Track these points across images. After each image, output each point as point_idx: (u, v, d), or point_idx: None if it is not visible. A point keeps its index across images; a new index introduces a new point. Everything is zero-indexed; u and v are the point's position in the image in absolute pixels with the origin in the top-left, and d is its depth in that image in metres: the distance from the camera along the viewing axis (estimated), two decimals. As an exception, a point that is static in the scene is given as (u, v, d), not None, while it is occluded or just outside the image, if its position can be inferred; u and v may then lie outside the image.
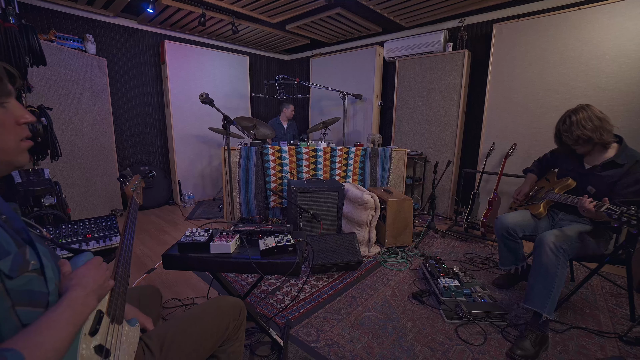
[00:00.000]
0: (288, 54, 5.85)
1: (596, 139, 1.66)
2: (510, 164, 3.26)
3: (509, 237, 1.98)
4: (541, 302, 1.58)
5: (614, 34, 2.69)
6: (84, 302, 0.64)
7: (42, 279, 0.62)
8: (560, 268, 1.57)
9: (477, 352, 1.56)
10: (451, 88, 3.71)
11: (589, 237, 1.70)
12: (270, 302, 1.99)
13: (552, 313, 1.57)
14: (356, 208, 2.71)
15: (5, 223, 0.60)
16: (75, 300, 0.62)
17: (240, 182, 3.28)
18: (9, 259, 0.56)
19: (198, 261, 1.30)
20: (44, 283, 0.62)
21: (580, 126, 1.68)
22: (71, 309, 0.60)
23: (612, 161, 1.67)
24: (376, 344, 1.62)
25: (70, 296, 0.62)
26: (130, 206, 1.17)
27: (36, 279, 0.60)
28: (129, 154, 4.18)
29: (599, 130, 1.65)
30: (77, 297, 0.63)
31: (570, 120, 1.73)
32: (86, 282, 0.67)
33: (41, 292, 0.61)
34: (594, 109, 1.69)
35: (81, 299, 0.63)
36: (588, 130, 1.66)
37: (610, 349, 1.60)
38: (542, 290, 1.59)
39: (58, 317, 0.57)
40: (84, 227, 1.42)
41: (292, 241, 1.33)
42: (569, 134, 1.74)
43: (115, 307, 0.76)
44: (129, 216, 1.11)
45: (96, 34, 3.62)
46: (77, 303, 0.62)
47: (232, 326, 0.99)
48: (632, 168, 1.61)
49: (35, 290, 0.60)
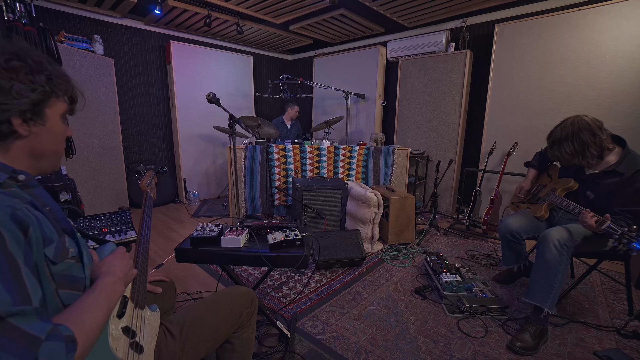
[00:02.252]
0: (291, 54, 5.90)
1: (575, 163, 1.65)
2: (511, 163, 3.30)
3: (513, 240, 1.98)
4: (543, 297, 1.61)
5: (614, 34, 2.73)
6: (114, 288, 0.70)
7: (79, 265, 0.68)
8: (563, 264, 1.59)
9: (479, 345, 1.61)
10: (453, 88, 3.75)
11: (590, 235, 1.69)
12: (277, 297, 2.04)
13: (554, 308, 1.61)
14: (360, 206, 2.76)
15: (49, 214, 0.66)
16: (107, 286, 0.69)
17: (245, 180, 3.33)
18: (53, 246, 0.61)
19: (210, 254, 1.35)
20: (81, 269, 0.68)
21: (561, 149, 1.66)
22: (104, 293, 0.66)
23: (612, 170, 1.63)
24: (380, 336, 1.67)
25: (103, 282, 0.69)
26: (146, 200, 1.23)
27: (75, 265, 0.67)
28: (135, 153, 4.24)
29: (578, 155, 1.62)
30: (108, 282, 0.69)
31: (554, 138, 1.71)
32: (115, 269, 0.74)
33: (79, 277, 0.67)
34: (583, 127, 1.59)
35: (112, 284, 0.70)
36: (567, 154, 1.65)
37: (608, 342, 1.64)
38: (544, 286, 1.62)
39: (94, 300, 0.63)
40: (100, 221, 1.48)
41: (300, 235, 1.38)
42: (552, 152, 1.74)
43: (138, 293, 0.82)
44: (145, 210, 1.17)
45: (104, 35, 3.68)
46: (109, 288, 0.69)
47: (245, 314, 1.04)
48: (632, 177, 1.57)
49: (75, 275, 0.66)
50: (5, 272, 0.49)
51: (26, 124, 0.65)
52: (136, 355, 0.71)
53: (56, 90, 0.69)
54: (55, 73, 0.70)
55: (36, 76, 0.65)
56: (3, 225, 0.52)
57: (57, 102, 0.70)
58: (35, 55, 0.68)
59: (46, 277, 0.59)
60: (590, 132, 1.59)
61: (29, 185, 0.66)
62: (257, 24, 4.09)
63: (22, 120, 0.64)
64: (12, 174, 0.62)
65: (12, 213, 0.54)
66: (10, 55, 0.63)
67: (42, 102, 0.66)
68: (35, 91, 0.64)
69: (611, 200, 1.61)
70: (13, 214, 0.54)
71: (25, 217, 0.56)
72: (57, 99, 0.70)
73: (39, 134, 0.67)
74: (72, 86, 0.75)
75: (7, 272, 0.50)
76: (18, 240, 0.54)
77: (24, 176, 0.64)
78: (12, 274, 0.50)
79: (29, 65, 0.65)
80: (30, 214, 0.58)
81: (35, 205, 0.63)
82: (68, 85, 0.73)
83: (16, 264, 0.52)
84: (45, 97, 0.67)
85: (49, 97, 0.67)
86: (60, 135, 0.73)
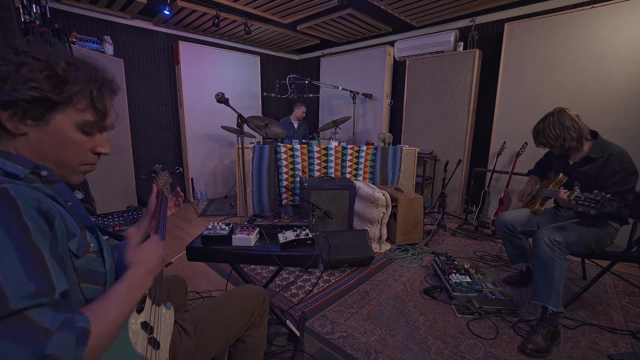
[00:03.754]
0: (298, 53, 5.91)
1: (558, 145, 1.80)
2: (521, 163, 3.27)
3: (509, 233, 2.08)
4: (545, 296, 1.63)
5: (628, 32, 2.68)
6: (143, 281, 0.69)
7: (100, 260, 0.69)
8: (557, 260, 1.63)
9: (489, 346, 1.60)
10: (462, 87, 3.72)
11: (587, 231, 1.74)
12: (285, 296, 2.04)
13: (559, 306, 1.61)
14: (367, 205, 2.76)
15: (71, 209, 0.66)
16: (136, 278, 0.67)
17: (253, 179, 3.34)
18: (76, 240, 0.62)
19: (221, 253, 1.36)
20: (102, 263, 0.69)
21: (545, 134, 1.83)
22: (131, 286, 0.65)
23: (587, 157, 1.79)
24: (389, 336, 1.67)
25: (132, 274, 0.67)
26: (161, 200, 1.24)
27: (95, 259, 0.67)
28: (144, 153, 4.28)
29: (560, 138, 1.78)
30: (138, 274, 0.68)
31: (538, 129, 1.89)
32: (148, 260, 0.72)
33: (100, 271, 0.68)
34: (564, 114, 1.80)
35: (141, 277, 0.68)
36: (551, 138, 1.80)
37: (623, 345, 1.62)
38: (544, 284, 1.65)
39: (120, 291, 0.63)
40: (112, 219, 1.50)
41: (311, 235, 1.38)
42: (537, 141, 1.91)
43: (155, 290, 0.82)
44: (160, 209, 1.17)
45: (114, 36, 3.72)
46: (138, 281, 0.67)
47: (257, 312, 1.05)
48: (608, 161, 1.72)
49: (96, 269, 0.66)
50: (29, 262, 0.50)
51: (16, 120, 0.60)
52: (153, 351, 0.72)
53: (69, 95, 0.63)
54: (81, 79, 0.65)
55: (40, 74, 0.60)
56: (28, 217, 0.52)
57: (71, 110, 0.64)
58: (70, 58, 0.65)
59: (70, 271, 0.60)
60: (569, 119, 1.78)
61: (51, 181, 0.66)
62: (265, 24, 4.11)
63: (10, 116, 0.59)
64: (35, 169, 0.62)
65: (37, 206, 0.54)
66: (39, 54, 0.61)
67: (43, 104, 0.61)
68: (31, 88, 0.59)
69: (595, 187, 1.70)
70: (39, 207, 0.55)
71: (50, 210, 0.56)
72: (71, 106, 0.64)
73: (37, 135, 0.62)
74: (103, 101, 0.69)
75: (31, 263, 0.50)
76: (43, 231, 0.54)
77: (47, 172, 0.64)
78: (36, 264, 0.50)
79: (44, 64, 0.61)
80: (54, 207, 0.59)
81: (57, 200, 0.63)
82: (99, 99, 0.67)
83: (41, 255, 0.52)
84: (48, 99, 0.61)
85: (54, 101, 0.62)
86: (66, 143, 0.65)
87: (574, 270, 2.46)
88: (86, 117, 0.66)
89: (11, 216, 0.51)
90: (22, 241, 0.50)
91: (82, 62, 0.68)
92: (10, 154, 0.61)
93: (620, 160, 1.69)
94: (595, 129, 1.85)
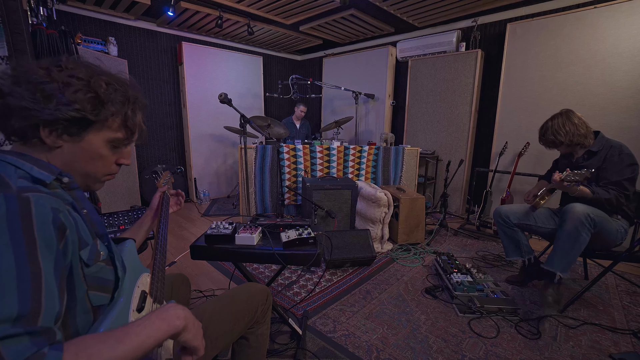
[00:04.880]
0: (301, 54, 5.93)
1: (567, 142, 1.88)
2: (523, 163, 3.27)
3: (503, 224, 2.13)
4: (560, 264, 1.78)
5: (632, 32, 2.68)
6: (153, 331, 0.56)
7: (110, 269, 0.68)
8: (584, 234, 1.72)
9: (491, 345, 1.61)
10: (464, 87, 3.72)
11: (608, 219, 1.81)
12: (288, 295, 2.06)
13: (566, 272, 1.79)
14: (370, 205, 2.77)
15: (86, 217, 0.68)
16: (148, 324, 0.56)
17: (256, 179, 3.37)
18: (88, 249, 0.62)
19: (224, 252, 1.38)
20: (111, 272, 0.68)
21: (554, 130, 1.90)
22: (136, 331, 0.54)
23: (589, 150, 1.90)
24: (391, 335, 1.68)
25: (146, 319, 0.57)
26: (163, 199, 1.26)
27: (105, 267, 0.67)
28: (147, 153, 4.32)
29: (570, 133, 1.86)
30: (152, 321, 0.57)
31: (546, 127, 1.95)
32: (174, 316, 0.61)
33: (109, 279, 0.68)
34: (572, 114, 1.89)
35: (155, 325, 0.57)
36: (560, 135, 1.88)
37: (625, 345, 1.62)
38: (562, 253, 1.78)
39: (117, 332, 0.53)
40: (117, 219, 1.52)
41: (313, 234, 1.40)
42: (545, 138, 1.97)
43: (157, 289, 0.84)
44: (162, 209, 1.19)
45: (118, 37, 3.76)
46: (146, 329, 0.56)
47: (260, 310, 1.06)
48: (608, 153, 1.83)
49: (105, 277, 0.66)
50: (25, 279, 0.48)
51: (54, 136, 0.63)
52: (156, 348, 0.74)
53: (106, 116, 0.67)
54: (117, 100, 0.68)
55: (83, 96, 0.63)
56: (39, 230, 0.52)
57: (105, 129, 0.68)
58: (108, 76, 0.67)
59: (80, 279, 0.60)
60: (577, 117, 1.87)
61: (72, 188, 0.67)
62: (268, 25, 4.13)
63: (50, 132, 0.62)
64: (59, 176, 0.64)
65: (54, 217, 0.54)
66: (80, 71, 0.64)
67: (81, 123, 0.64)
68: (73, 109, 0.62)
69: (598, 179, 1.84)
70: (55, 217, 0.54)
71: (64, 220, 0.57)
72: (106, 125, 0.68)
73: (70, 149, 0.66)
74: (135, 120, 0.72)
75: (27, 280, 0.48)
76: (50, 247, 0.53)
77: (68, 179, 0.66)
78: (32, 282, 0.48)
79: (87, 85, 0.64)
80: (70, 216, 0.59)
81: (75, 207, 0.64)
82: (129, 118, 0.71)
83: (39, 272, 0.49)
84: (86, 120, 0.64)
85: (91, 121, 0.65)
86: (95, 157, 0.69)
87: (576, 270, 2.46)
88: (117, 134, 0.70)
89: (22, 228, 0.50)
90: (25, 255, 0.49)
91: (117, 80, 0.70)
92: (39, 160, 0.63)
93: (620, 152, 1.79)
94: (600, 129, 1.93)
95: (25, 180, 0.58)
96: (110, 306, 0.67)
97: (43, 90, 0.60)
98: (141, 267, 0.85)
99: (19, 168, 0.59)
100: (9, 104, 0.60)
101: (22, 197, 0.53)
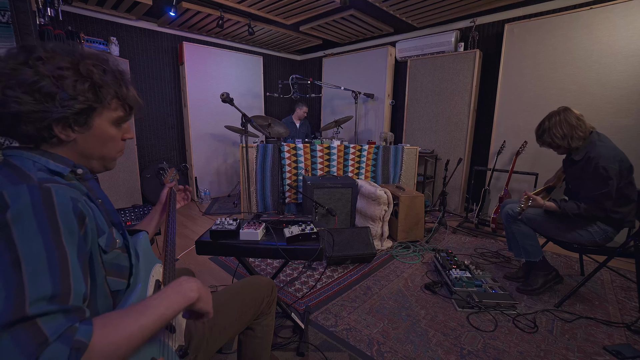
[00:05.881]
0: (300, 54, 5.96)
1: (564, 145, 1.82)
2: (520, 162, 3.31)
3: (509, 219, 2.15)
4: (518, 253, 2.11)
5: (626, 33, 2.72)
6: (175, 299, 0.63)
7: (125, 255, 0.73)
8: (514, 227, 2.06)
9: (489, 338, 1.65)
10: (462, 87, 3.77)
11: (556, 219, 1.92)
12: (290, 291, 2.10)
13: (531, 257, 2.05)
14: (370, 203, 2.81)
15: (101, 206, 0.72)
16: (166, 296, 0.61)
17: (257, 178, 3.40)
18: (105, 237, 0.66)
19: (229, 247, 1.41)
20: (126, 258, 0.73)
21: (551, 133, 1.83)
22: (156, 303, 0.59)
23: (572, 158, 1.87)
24: (391, 329, 1.72)
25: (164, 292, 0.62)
26: (170, 196, 1.29)
27: (121, 254, 0.71)
28: (148, 152, 4.34)
29: (567, 137, 1.79)
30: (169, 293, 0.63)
31: (543, 127, 1.88)
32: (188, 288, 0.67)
33: (125, 265, 0.72)
34: (569, 113, 1.81)
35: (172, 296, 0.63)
36: (557, 138, 1.82)
37: (619, 337, 1.66)
38: (514, 245, 2.12)
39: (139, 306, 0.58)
40: (123, 215, 1.55)
41: (315, 230, 1.43)
42: (541, 139, 1.91)
43: (169, 278, 0.88)
44: (169, 204, 1.23)
45: (119, 37, 3.78)
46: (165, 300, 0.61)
47: (266, 301, 1.10)
48: (586, 165, 1.77)
49: (121, 264, 0.71)
50: (55, 263, 0.51)
51: (68, 130, 0.65)
52: (170, 335, 0.77)
53: (107, 99, 0.69)
54: (111, 82, 0.69)
55: (82, 86, 0.64)
56: (62, 218, 0.55)
57: (106, 111, 0.70)
58: (92, 59, 0.68)
59: (99, 265, 0.64)
60: (575, 117, 1.80)
61: (86, 179, 0.71)
62: (268, 25, 4.16)
63: (62, 128, 0.64)
64: (73, 167, 0.67)
65: (73, 205, 0.58)
66: (63, 60, 0.63)
67: (87, 112, 0.66)
68: (79, 101, 0.63)
69: (578, 188, 1.84)
70: (74, 206, 0.58)
71: (83, 209, 0.60)
72: (107, 107, 0.70)
73: (83, 139, 0.68)
74: (130, 95, 0.74)
75: (56, 264, 0.51)
76: (72, 232, 0.56)
77: (82, 170, 0.69)
78: (60, 266, 0.52)
79: (79, 73, 0.64)
80: (87, 205, 0.63)
81: (90, 197, 0.68)
82: (126, 96, 0.73)
83: (66, 256, 0.53)
84: (91, 107, 0.66)
85: (95, 107, 0.67)
86: (107, 140, 0.72)
87: (572, 266, 2.51)
88: (119, 113, 0.73)
89: (47, 216, 0.54)
90: (51, 241, 0.53)
91: (98, 59, 0.70)
92: (53, 153, 0.66)
93: (596, 165, 1.70)
94: (595, 128, 1.86)
95: (44, 173, 0.62)
96: (129, 291, 0.71)
97: (40, 89, 0.59)
98: (154, 257, 0.88)
99: (36, 162, 0.63)
100: (12, 111, 0.59)
101: (44, 188, 0.56)
